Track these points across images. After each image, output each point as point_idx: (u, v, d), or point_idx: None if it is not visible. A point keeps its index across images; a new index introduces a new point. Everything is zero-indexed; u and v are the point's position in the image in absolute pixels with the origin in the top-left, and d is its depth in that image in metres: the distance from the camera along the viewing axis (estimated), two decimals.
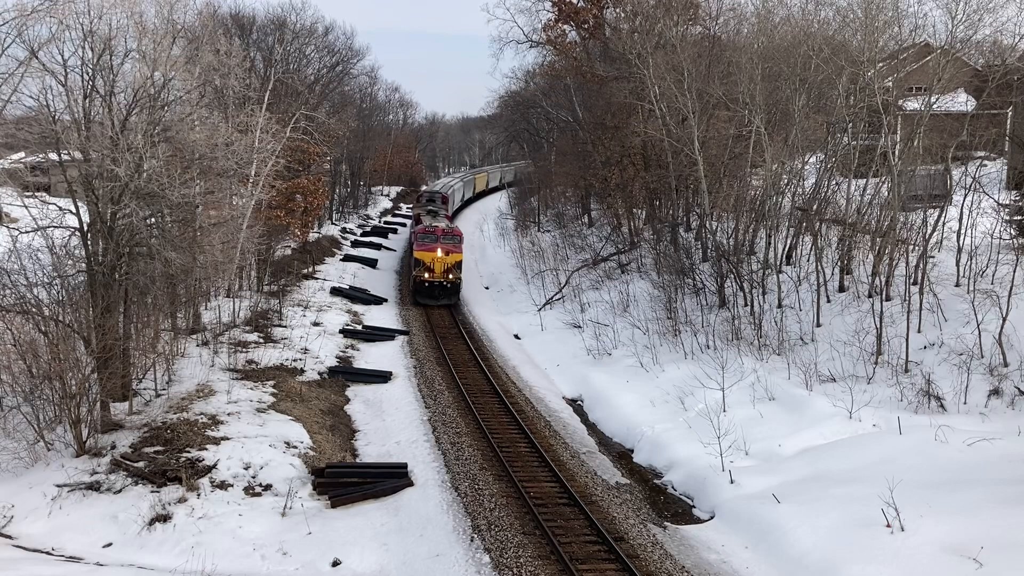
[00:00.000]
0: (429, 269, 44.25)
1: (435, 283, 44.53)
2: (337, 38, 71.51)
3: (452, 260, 44.60)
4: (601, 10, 59.24)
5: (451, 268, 44.55)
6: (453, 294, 44.95)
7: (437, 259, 44.24)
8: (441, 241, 44.66)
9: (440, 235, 44.78)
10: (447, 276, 44.46)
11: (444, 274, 44.43)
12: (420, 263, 44.42)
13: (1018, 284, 25.47)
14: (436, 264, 44.17)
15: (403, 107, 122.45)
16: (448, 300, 44.76)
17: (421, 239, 44.95)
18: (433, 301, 44.56)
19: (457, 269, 44.72)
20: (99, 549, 19.42)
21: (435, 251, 44.15)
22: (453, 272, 44.66)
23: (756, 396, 26.54)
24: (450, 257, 44.52)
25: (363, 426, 28.00)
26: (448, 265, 44.44)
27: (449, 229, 45.84)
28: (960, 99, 37.72)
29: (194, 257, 26.83)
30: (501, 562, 18.32)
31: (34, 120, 25.38)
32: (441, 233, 44.91)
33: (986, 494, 18.34)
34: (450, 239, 45.00)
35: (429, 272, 44.32)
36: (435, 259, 44.26)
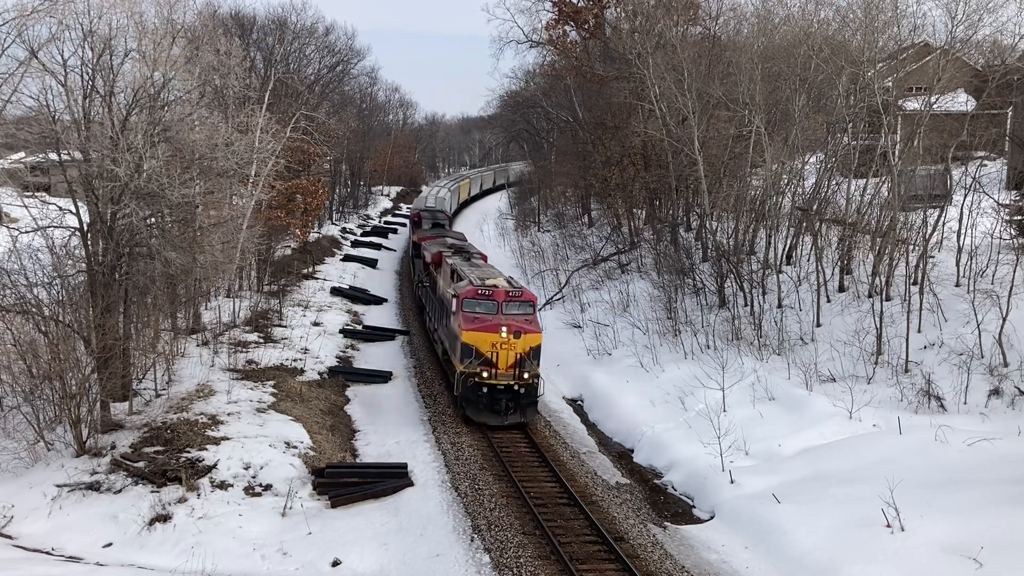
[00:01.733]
0: (490, 364, 26.20)
1: (500, 389, 26.28)
2: (337, 38, 71.66)
3: (527, 345, 26.43)
4: (601, 10, 59.25)
5: (526, 359, 26.43)
6: (530, 405, 26.66)
7: (503, 346, 26.23)
8: (506, 312, 27.10)
9: (502, 301, 27.33)
10: (520, 375, 26.12)
11: (515, 372, 26.19)
12: (470, 351, 26.28)
13: (1018, 284, 25.47)
14: (502, 356, 26.23)
15: (403, 107, 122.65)
16: (523, 416, 26.59)
17: (468, 309, 27.24)
18: (496, 419, 26.33)
19: (534, 359, 26.66)
20: (99, 549, 19.42)
21: (498, 332, 26.20)
22: (529, 366, 26.45)
23: (756, 396, 26.53)
24: (524, 340, 26.37)
25: (363, 426, 28.00)
26: (522, 354, 26.40)
27: (515, 290, 28.02)
28: (960, 99, 37.72)
29: (194, 257, 26.81)
30: (501, 562, 18.32)
31: (34, 120, 25.38)
32: (505, 298, 27.42)
33: (986, 494, 18.34)
34: (520, 307, 27.64)
35: (490, 369, 26.17)
36: (499, 346, 26.21)
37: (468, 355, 26.30)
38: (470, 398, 26.49)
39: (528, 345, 26.48)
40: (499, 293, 27.47)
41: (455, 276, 30.56)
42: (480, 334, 26.33)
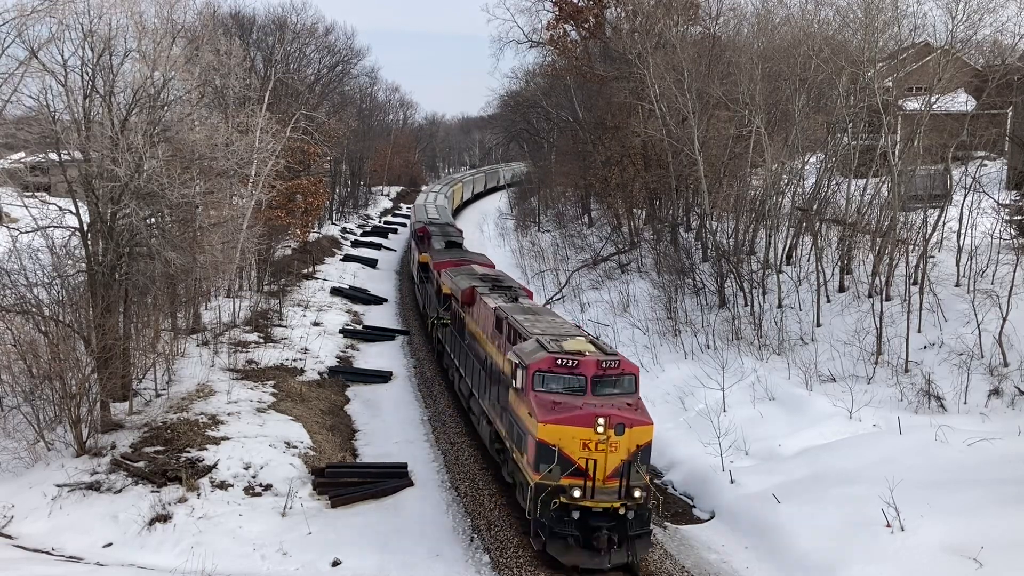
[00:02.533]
0: (581, 475, 17.62)
1: (598, 513, 17.57)
2: (337, 38, 71.67)
3: (634, 442, 17.96)
4: (601, 10, 59.26)
5: (634, 465, 17.86)
6: (641, 535, 17.89)
7: (600, 447, 17.60)
8: (599, 393, 18.76)
9: (593, 376, 18.83)
10: (628, 491, 17.58)
11: (620, 486, 17.64)
12: (549, 453, 17.74)
13: (1018, 284, 25.47)
14: (600, 461, 17.55)
15: (403, 107, 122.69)
16: (631, 556, 17.80)
17: (542, 388, 18.74)
18: (594, 561, 17.53)
19: (643, 462, 18.21)
20: (99, 549, 19.42)
21: (591, 425, 17.60)
22: (638, 476, 17.91)
23: (756, 396, 26.53)
24: (630, 437, 17.85)
25: (363, 426, 28.00)
26: (627, 457, 17.77)
27: (609, 359, 19.23)
28: (960, 99, 37.71)
29: (194, 257, 26.81)
30: (501, 562, 18.31)
31: (34, 120, 25.38)
32: (597, 372, 18.88)
33: (986, 494, 18.33)
34: (617, 383, 19.12)
35: (583, 483, 17.57)
36: (595, 447, 17.60)
37: (546, 459, 17.44)
38: (554, 528, 17.32)
39: (636, 443, 17.56)
40: (588, 364, 18.64)
41: (508, 330, 21.76)
42: (564, 428, 17.40)
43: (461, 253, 38.54)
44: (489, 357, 23.48)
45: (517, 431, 19.50)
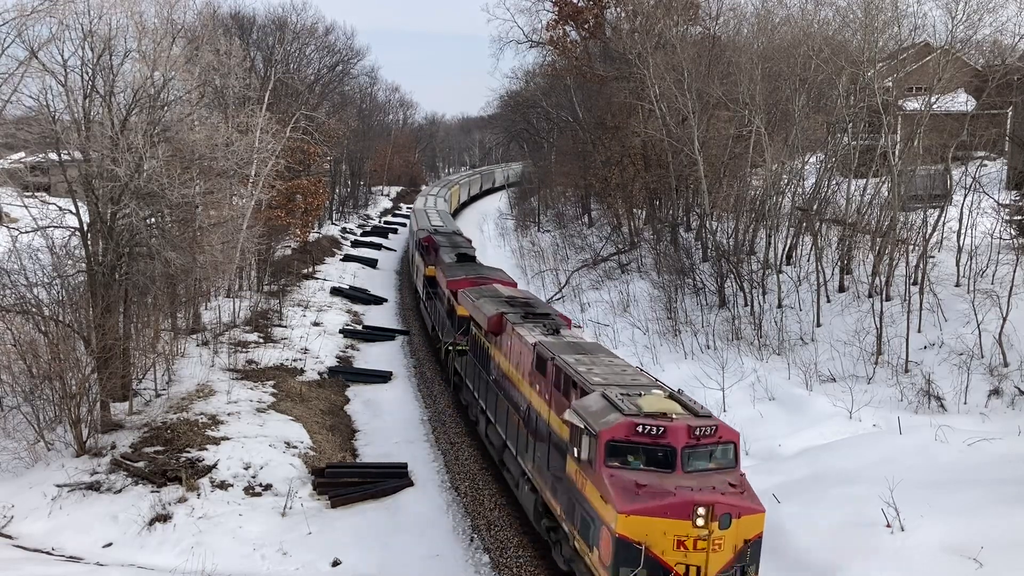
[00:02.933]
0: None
1: None
2: (337, 38, 71.64)
3: (742, 536, 13.78)
4: (601, 10, 59.28)
5: (743, 565, 13.85)
6: None
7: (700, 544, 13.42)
8: (690, 468, 14.38)
9: (684, 448, 14.40)
10: None
11: None
12: (633, 554, 13.40)
13: (1018, 284, 25.47)
14: (699, 562, 13.43)
15: (403, 107, 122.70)
16: None
17: (618, 462, 14.38)
18: None
19: (753, 561, 13.99)
20: (99, 549, 19.41)
21: (688, 515, 13.34)
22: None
23: (756, 396, 26.53)
24: (737, 529, 13.69)
25: (363, 426, 27.99)
26: (734, 556, 13.72)
27: (703, 424, 14.87)
28: (960, 99, 37.73)
29: (194, 257, 26.81)
30: (501, 562, 18.32)
31: (34, 120, 25.37)
32: (690, 441, 14.46)
33: (986, 494, 18.32)
34: (714, 454, 14.93)
35: None
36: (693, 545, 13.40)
37: (629, 561, 13.39)
38: None
39: (744, 537, 13.73)
40: (677, 432, 14.33)
41: (557, 376, 17.53)
42: (653, 521, 13.37)
43: (476, 268, 33.46)
44: (530, 406, 18.95)
45: (582, 515, 14.95)
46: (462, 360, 27.36)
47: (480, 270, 33.07)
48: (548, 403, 17.83)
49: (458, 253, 37.03)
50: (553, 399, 17.56)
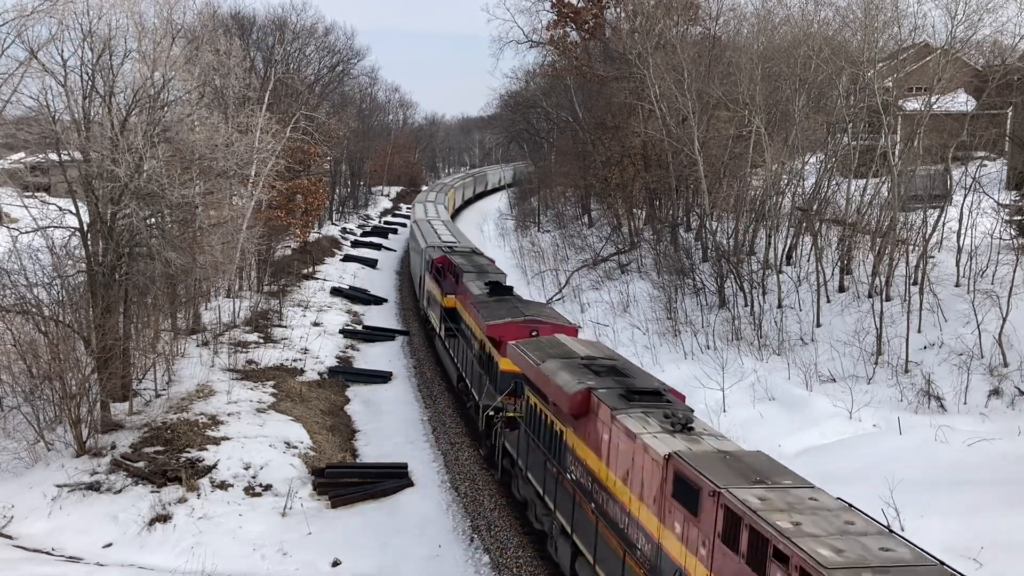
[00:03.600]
0: None
1: None
2: (337, 38, 71.59)
3: None
4: (601, 10, 59.29)
5: None
6: None
7: None
8: None
9: None
10: None
11: None
12: None
13: (1018, 284, 25.46)
14: None
15: (403, 107, 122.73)
16: None
17: None
18: None
19: None
20: (99, 549, 19.42)
21: None
22: None
23: (756, 396, 26.52)
24: None
25: (363, 426, 27.99)
26: None
27: None
28: (960, 99, 37.72)
29: (194, 257, 26.81)
30: (501, 562, 18.31)
31: (34, 120, 25.39)
32: None
33: (986, 494, 18.33)
34: None
35: None
36: None
37: None
38: None
39: None
40: None
41: (728, 524, 11.03)
42: None
43: (517, 305, 25.56)
44: (658, 548, 12.68)
45: None
46: (514, 437, 19.95)
47: (525, 308, 25.17)
48: (700, 557, 11.41)
49: (489, 282, 28.58)
50: (710, 549, 11.21)
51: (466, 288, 28.52)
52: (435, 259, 34.80)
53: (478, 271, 31.51)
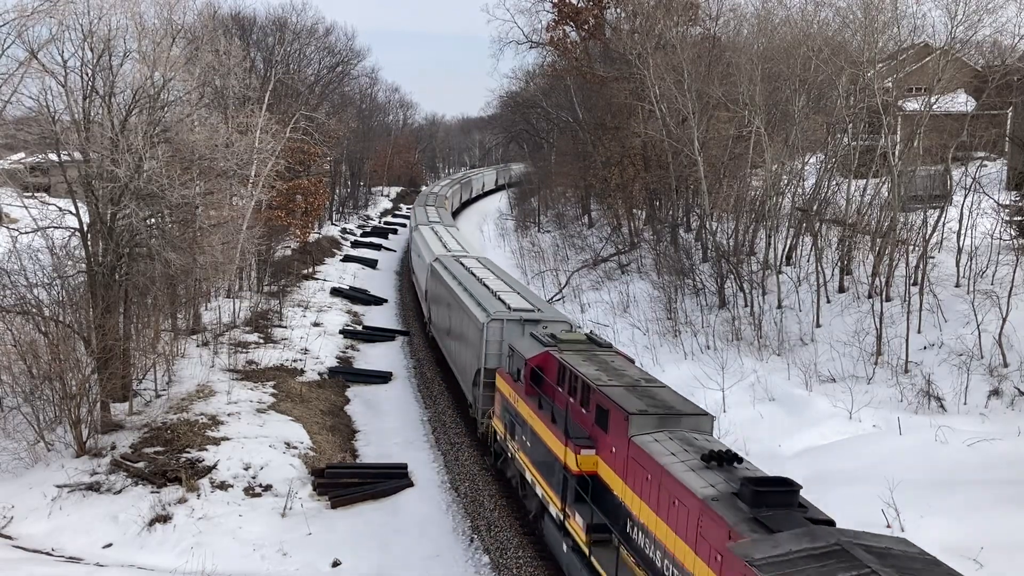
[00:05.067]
0: None
1: None
2: (338, 39, 71.67)
3: None
4: (601, 10, 59.31)
5: None
6: None
7: None
8: None
9: None
10: None
11: None
12: None
13: (1018, 284, 25.46)
14: None
15: (403, 107, 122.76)
16: None
17: None
18: None
19: None
20: (99, 550, 19.41)
21: None
22: None
23: (756, 396, 26.52)
24: None
25: (363, 426, 27.99)
26: None
27: None
28: (960, 99, 37.73)
29: (194, 258, 26.82)
30: (501, 563, 18.31)
31: (34, 121, 25.38)
32: None
33: (986, 495, 18.33)
34: None
35: None
36: None
37: None
38: None
39: None
40: None
41: None
42: None
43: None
44: None
45: None
46: None
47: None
48: None
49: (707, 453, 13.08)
50: None
51: (647, 452, 13.49)
52: (528, 360, 18.95)
53: (618, 379, 16.46)
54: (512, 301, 25.46)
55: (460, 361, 26.99)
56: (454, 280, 29.82)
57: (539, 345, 19.45)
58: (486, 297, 26.09)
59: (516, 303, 25.22)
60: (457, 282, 29.26)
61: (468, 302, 26.06)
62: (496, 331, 23.10)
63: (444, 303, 30.74)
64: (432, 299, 34.70)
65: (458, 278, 29.85)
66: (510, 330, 22.99)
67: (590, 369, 17.03)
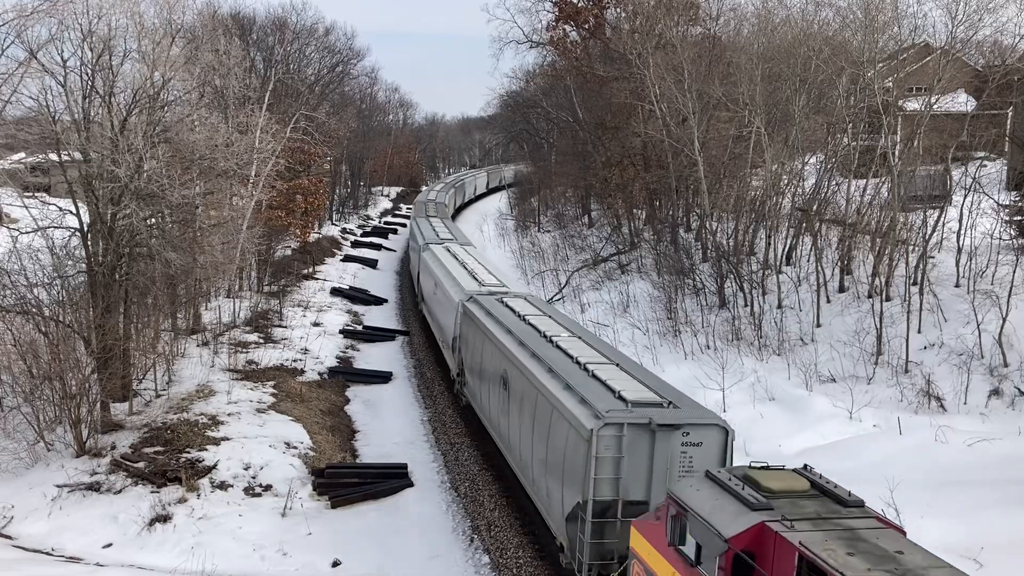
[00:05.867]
0: None
1: None
2: (338, 39, 71.67)
3: None
4: (601, 10, 59.32)
5: None
6: None
7: None
8: None
9: None
10: None
11: None
12: None
13: (1018, 284, 25.48)
14: None
15: (403, 107, 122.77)
16: None
17: None
18: None
19: None
20: (99, 550, 19.41)
21: None
22: None
23: (756, 396, 26.52)
24: None
25: (363, 426, 27.99)
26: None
27: None
28: (960, 99, 37.72)
29: (194, 258, 26.81)
30: (501, 563, 18.31)
31: (34, 120, 25.36)
32: None
33: (986, 494, 18.33)
34: None
35: None
36: None
37: None
38: None
39: None
40: None
41: None
42: None
43: None
44: None
45: None
46: None
47: None
48: None
49: None
50: None
51: None
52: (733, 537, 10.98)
53: None
54: (622, 384, 16.25)
55: (540, 484, 17.58)
56: (510, 338, 20.77)
57: (735, 503, 11.43)
58: (573, 373, 17.14)
59: (630, 388, 16.02)
60: (518, 343, 20.06)
61: (548, 385, 17.10)
62: (611, 444, 14.48)
63: (494, 374, 21.42)
64: (469, 359, 25.09)
65: (518, 336, 20.51)
66: (635, 443, 14.53)
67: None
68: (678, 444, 14.59)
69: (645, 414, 14.76)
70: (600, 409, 14.89)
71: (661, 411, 15.05)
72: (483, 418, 23.40)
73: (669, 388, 16.92)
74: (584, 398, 15.68)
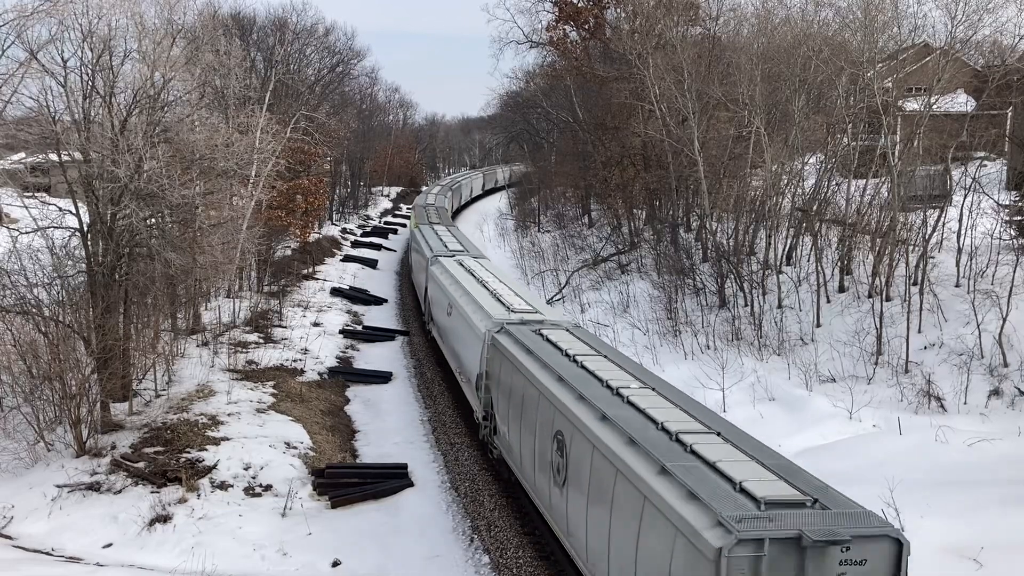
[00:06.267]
0: None
1: None
2: (338, 39, 71.65)
3: None
4: (601, 10, 59.34)
5: None
6: None
7: None
8: None
9: None
10: None
11: None
12: None
13: (1018, 284, 25.48)
14: None
15: (403, 107, 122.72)
16: None
17: None
18: None
19: None
20: (99, 550, 19.41)
21: None
22: None
23: (756, 396, 26.53)
24: None
25: (363, 426, 27.99)
26: None
27: None
28: (960, 99, 37.73)
29: (194, 258, 26.80)
30: (501, 563, 18.31)
31: (34, 121, 25.35)
32: None
33: (986, 494, 18.33)
34: None
35: None
36: None
37: None
38: None
39: None
40: None
41: None
42: None
43: None
44: None
45: None
46: None
47: None
48: None
49: None
50: None
51: None
52: None
53: None
54: (741, 470, 12.13)
55: None
56: (563, 389, 16.59)
57: None
58: (666, 449, 12.96)
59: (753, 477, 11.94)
60: (576, 398, 15.91)
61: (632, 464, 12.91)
62: (746, 569, 10.37)
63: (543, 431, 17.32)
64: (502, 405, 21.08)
65: (574, 386, 16.28)
66: (778, 567, 10.44)
67: None
68: (835, 565, 10.49)
69: (788, 522, 10.55)
70: (726, 515, 10.55)
71: (808, 515, 10.82)
72: (522, 480, 19.43)
73: (801, 473, 12.57)
74: (694, 492, 11.32)
